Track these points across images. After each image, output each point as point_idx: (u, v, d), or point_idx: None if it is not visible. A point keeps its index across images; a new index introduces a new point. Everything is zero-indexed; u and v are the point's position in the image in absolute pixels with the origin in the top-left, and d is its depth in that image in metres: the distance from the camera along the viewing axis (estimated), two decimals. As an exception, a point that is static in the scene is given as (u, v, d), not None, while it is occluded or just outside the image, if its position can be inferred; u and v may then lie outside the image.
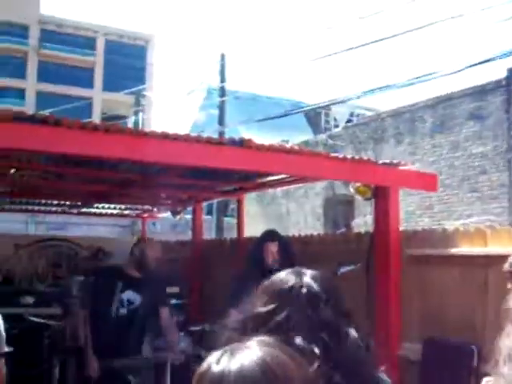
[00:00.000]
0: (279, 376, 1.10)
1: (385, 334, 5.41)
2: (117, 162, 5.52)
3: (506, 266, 4.04)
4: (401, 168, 5.57)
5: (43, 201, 9.09)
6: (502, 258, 4.16)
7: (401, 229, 5.68)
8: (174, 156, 4.55)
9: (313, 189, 16.76)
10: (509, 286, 4.06)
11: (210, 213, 19.93)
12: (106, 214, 10.45)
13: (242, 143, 4.67)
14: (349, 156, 5.48)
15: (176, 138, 4.48)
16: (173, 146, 4.45)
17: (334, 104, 17.17)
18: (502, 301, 4.55)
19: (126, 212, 10.34)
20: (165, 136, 4.42)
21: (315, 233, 8.51)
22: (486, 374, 4.43)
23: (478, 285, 4.90)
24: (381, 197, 5.53)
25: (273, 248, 5.45)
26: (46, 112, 17.77)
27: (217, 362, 1.14)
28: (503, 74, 12.97)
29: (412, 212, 14.04)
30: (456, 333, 5.03)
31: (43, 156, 5.45)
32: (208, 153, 4.57)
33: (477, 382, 4.60)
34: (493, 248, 4.80)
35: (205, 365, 1.16)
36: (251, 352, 1.14)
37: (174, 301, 7.08)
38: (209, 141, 4.64)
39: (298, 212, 17.80)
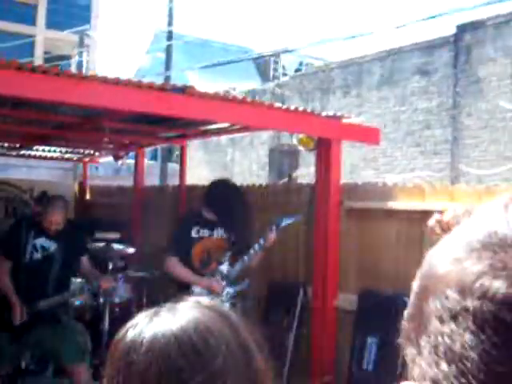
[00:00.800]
0: (199, 350, 0.99)
1: (322, 285, 5.49)
2: (57, 104, 5.37)
3: (431, 224, 4.09)
4: (344, 121, 5.57)
5: (-20, 142, 8.82)
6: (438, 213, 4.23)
7: (342, 181, 5.71)
8: (114, 101, 4.44)
9: (258, 138, 16.72)
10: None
11: (154, 158, 19.75)
12: (46, 157, 10.22)
13: (185, 90, 4.58)
14: (293, 107, 5.43)
15: (117, 82, 4.35)
16: (113, 90, 4.34)
17: (283, 53, 17.02)
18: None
19: (67, 155, 10.14)
20: (104, 80, 4.30)
21: (261, 182, 8.53)
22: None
23: (414, 239, 4.99)
24: (323, 149, 5.53)
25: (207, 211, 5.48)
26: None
27: (134, 326, 1.05)
28: (452, 31, 13.04)
29: (356, 164, 14.18)
30: (391, 285, 5.13)
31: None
32: (149, 99, 4.47)
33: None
34: (430, 203, 4.87)
35: (123, 329, 1.06)
36: (174, 318, 1.03)
37: (114, 247, 7.03)
38: (150, 86, 4.53)
39: (243, 160, 17.78)
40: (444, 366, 0.50)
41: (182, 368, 0.97)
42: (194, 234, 5.39)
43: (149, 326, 1.03)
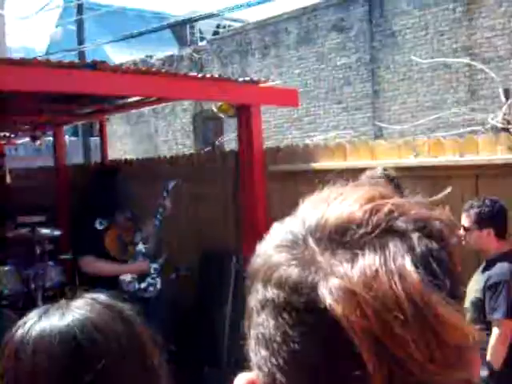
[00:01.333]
0: (84, 349, 0.97)
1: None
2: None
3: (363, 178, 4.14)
4: (262, 85, 5.54)
5: None
6: (360, 171, 4.27)
7: (266, 145, 5.71)
8: (22, 82, 4.27)
9: (180, 105, 16.51)
10: None
11: (75, 134, 19.29)
12: (-40, 142, 9.83)
13: (96, 66, 4.45)
14: (209, 75, 5.37)
15: (23, 63, 4.20)
16: (21, 71, 4.17)
17: (199, 18, 16.76)
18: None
19: (-18, 139, 9.78)
20: (10, 62, 4.13)
21: (186, 151, 8.44)
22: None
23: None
24: (243, 115, 5.50)
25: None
26: None
27: (23, 325, 1.02)
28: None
29: (281, 125, 14.21)
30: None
31: None
32: (60, 77, 4.32)
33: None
34: (351, 162, 4.92)
35: (15, 327, 1.04)
36: (62, 316, 1.01)
37: (40, 230, 6.87)
38: (60, 65, 4.39)
39: (167, 130, 17.56)
40: (262, 351, 0.56)
41: (68, 367, 0.96)
42: (98, 226, 5.30)
43: (36, 324, 1.01)
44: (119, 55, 20.84)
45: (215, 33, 23.84)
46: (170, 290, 5.53)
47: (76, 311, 1.02)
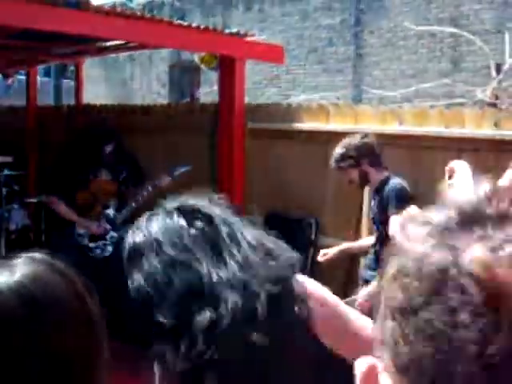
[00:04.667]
0: (38, 300, 0.98)
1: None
2: None
3: (332, 164, 4.05)
4: (248, 39, 5.39)
5: None
6: (343, 135, 4.19)
7: (245, 102, 5.57)
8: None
9: (158, 53, 16.15)
10: (345, 179, 4.12)
11: (47, 75, 18.81)
12: None
13: (79, 4, 4.25)
14: (194, 24, 5.19)
15: (3, -6, 3.97)
16: (-2, 4, 3.96)
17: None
18: (340, 177, 4.67)
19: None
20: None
21: (160, 101, 8.25)
22: (323, 247, 4.60)
23: (318, 161, 4.96)
24: (226, 68, 5.36)
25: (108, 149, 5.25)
26: None
27: None
28: None
29: (258, 82, 14.00)
30: (296, 206, 5.13)
31: None
32: (39, 13, 4.12)
33: (314, 253, 4.77)
34: (334, 125, 4.83)
35: None
36: (11, 272, 1.01)
37: (7, 171, 6.69)
38: (42, 1, 4.17)
39: (142, 77, 17.21)
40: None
41: (23, 317, 0.97)
42: (80, 176, 5.18)
43: None
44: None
45: (197, -18, 23.30)
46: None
47: (23, 267, 1.03)
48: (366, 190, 4.46)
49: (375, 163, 4.00)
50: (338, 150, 3.99)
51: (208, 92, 12.81)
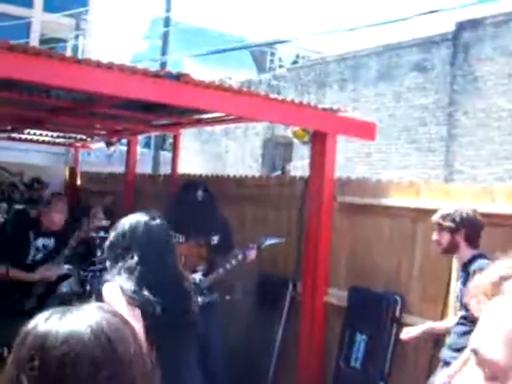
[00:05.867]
0: (113, 341, 1.07)
1: (312, 279, 5.43)
2: (49, 87, 5.27)
3: (435, 217, 4.07)
4: (340, 114, 5.49)
5: (-30, 123, 8.68)
6: (432, 212, 4.17)
7: (336, 176, 5.63)
8: (107, 86, 4.34)
9: (253, 129, 16.62)
10: (434, 236, 4.10)
11: (147, 146, 19.60)
12: (37, 141, 10.10)
13: (179, 77, 4.49)
14: (289, 98, 5.36)
15: (110, 66, 4.25)
16: (106, 74, 4.24)
17: (279, 43, 16.89)
18: (428, 254, 4.61)
19: (59, 140, 10.03)
20: (97, 64, 4.19)
21: (253, 173, 8.45)
22: (408, 325, 4.52)
23: (406, 237, 4.93)
24: (318, 142, 5.46)
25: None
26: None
27: (45, 320, 1.09)
28: (451, 28, 12.95)
29: (350, 159, 14.09)
30: (382, 282, 5.08)
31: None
32: (143, 85, 4.38)
33: (398, 331, 4.68)
34: (424, 202, 4.80)
35: (32, 322, 1.11)
36: (86, 314, 1.11)
37: (103, 234, 6.94)
38: (145, 73, 4.44)
39: (237, 151, 17.67)
40: None
41: (96, 356, 1.04)
42: None
43: (62, 320, 1.09)
44: (198, 74, 21.16)
45: (294, 62, 23.98)
46: (224, 311, 5.46)
47: (96, 312, 1.13)
48: (454, 268, 4.39)
49: (470, 238, 3.96)
50: (448, 210, 4.01)
51: (298, 167, 12.99)
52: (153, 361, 1.18)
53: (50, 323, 1.08)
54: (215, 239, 5.42)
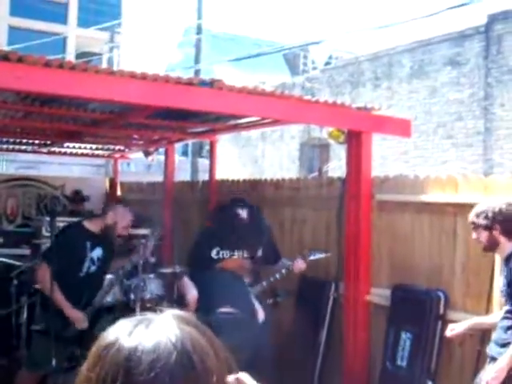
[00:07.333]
0: (194, 359, 1.02)
1: (354, 279, 5.42)
2: (86, 100, 5.37)
3: (470, 217, 4.04)
4: (375, 113, 5.48)
5: (11, 139, 8.87)
6: (472, 207, 4.14)
7: (373, 174, 5.61)
8: (141, 96, 4.41)
9: (289, 132, 16.65)
10: (473, 235, 4.06)
11: (185, 154, 19.78)
12: (77, 154, 10.28)
13: (213, 84, 4.53)
14: (323, 100, 5.36)
15: (144, 77, 4.32)
16: (141, 85, 4.31)
17: (311, 44, 16.90)
18: (469, 249, 4.57)
19: (98, 152, 10.19)
20: (132, 75, 4.27)
21: (291, 176, 8.47)
22: (452, 321, 4.49)
23: (446, 232, 4.89)
24: (353, 142, 5.45)
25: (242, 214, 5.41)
26: (18, 47, 17.30)
27: (129, 334, 1.04)
28: (483, 20, 12.80)
29: (387, 157, 14.03)
30: (424, 279, 5.05)
31: (9, 94, 5.26)
32: (177, 93, 4.44)
33: (443, 328, 4.65)
34: (463, 196, 4.76)
35: (110, 335, 1.05)
36: (169, 329, 1.05)
37: (149, 243, 7.03)
38: (178, 81, 4.50)
39: (274, 155, 17.71)
40: None
41: (176, 374, 0.99)
42: (213, 255, 5.35)
43: (146, 335, 1.03)
44: (232, 80, 21.28)
45: (326, 63, 23.93)
46: (267, 315, 5.50)
47: (177, 327, 1.07)
48: (497, 262, 4.34)
49: (508, 232, 3.90)
50: (480, 207, 3.97)
51: (336, 168, 12.97)
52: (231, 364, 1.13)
53: (134, 338, 1.03)
54: (260, 252, 5.49)
